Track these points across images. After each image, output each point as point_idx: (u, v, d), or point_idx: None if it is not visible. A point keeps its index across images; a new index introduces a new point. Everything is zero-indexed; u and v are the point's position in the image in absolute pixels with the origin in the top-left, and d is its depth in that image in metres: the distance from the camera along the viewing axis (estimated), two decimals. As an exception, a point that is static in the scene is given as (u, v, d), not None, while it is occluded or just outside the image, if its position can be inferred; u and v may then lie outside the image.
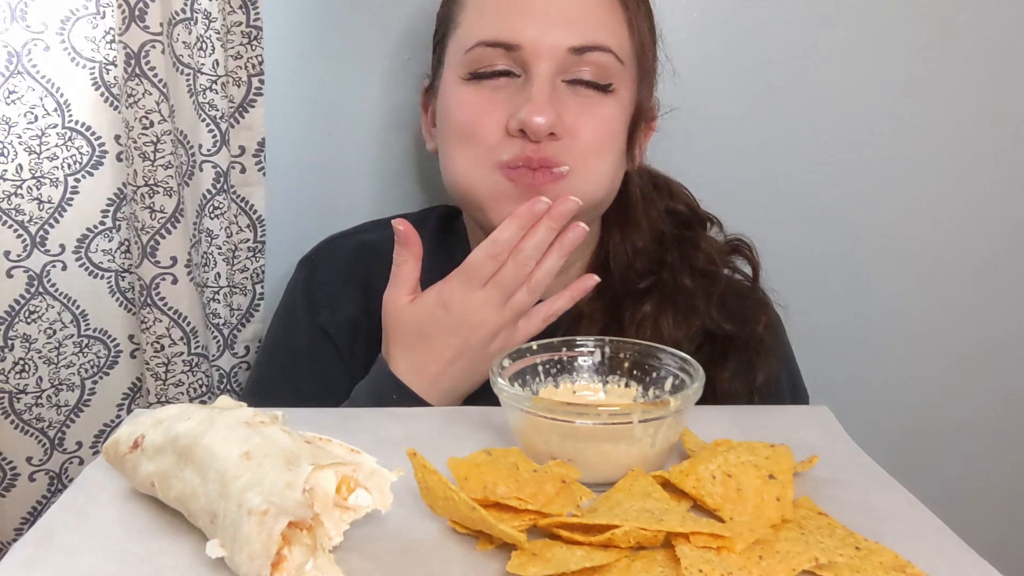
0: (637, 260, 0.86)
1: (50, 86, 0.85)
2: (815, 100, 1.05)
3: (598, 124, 0.77)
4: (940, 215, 1.09)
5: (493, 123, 0.76)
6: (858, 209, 1.08)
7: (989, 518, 1.13)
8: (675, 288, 0.84)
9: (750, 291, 0.89)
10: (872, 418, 1.09)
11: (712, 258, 0.87)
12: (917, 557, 0.46)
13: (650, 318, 0.82)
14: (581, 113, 0.76)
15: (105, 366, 0.93)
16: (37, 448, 0.91)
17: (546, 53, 0.74)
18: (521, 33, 0.74)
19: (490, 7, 0.77)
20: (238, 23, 0.90)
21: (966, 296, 1.11)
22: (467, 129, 0.77)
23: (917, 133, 1.06)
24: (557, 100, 0.75)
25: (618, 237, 0.86)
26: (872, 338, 1.11)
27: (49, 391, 0.90)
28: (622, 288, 0.85)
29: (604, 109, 0.77)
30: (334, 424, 0.64)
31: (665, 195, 0.91)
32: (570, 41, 0.74)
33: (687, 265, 0.86)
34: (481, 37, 0.76)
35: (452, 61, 0.79)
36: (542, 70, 0.75)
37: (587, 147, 0.76)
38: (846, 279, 1.09)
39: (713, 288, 0.85)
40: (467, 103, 0.77)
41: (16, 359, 0.88)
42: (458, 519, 0.49)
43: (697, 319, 0.83)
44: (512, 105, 0.75)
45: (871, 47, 1.04)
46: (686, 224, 0.90)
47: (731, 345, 0.83)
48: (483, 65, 0.76)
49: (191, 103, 0.89)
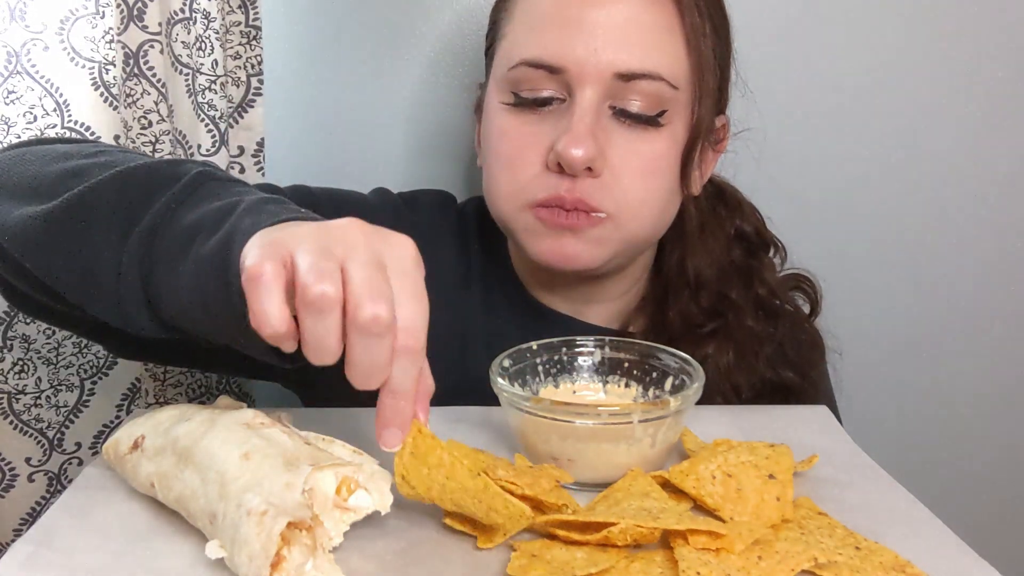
0: (701, 294, 0.81)
1: (49, 86, 0.85)
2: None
3: (643, 164, 0.71)
4: (945, 217, 1.09)
5: (532, 156, 0.71)
6: (863, 209, 1.08)
7: (989, 518, 1.13)
8: (740, 329, 0.80)
9: (805, 331, 0.85)
10: (872, 418, 1.09)
11: (775, 292, 0.84)
12: (917, 557, 0.47)
13: (710, 359, 0.78)
14: (626, 150, 0.71)
15: (104, 366, 0.93)
16: (36, 449, 0.90)
17: (591, 78, 0.69)
18: (566, 54, 0.69)
19: (538, 22, 0.72)
20: (237, 23, 0.90)
21: (966, 296, 1.11)
22: (505, 161, 0.73)
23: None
24: (601, 130, 0.70)
25: (678, 261, 0.81)
26: (872, 338, 1.11)
27: (48, 392, 0.90)
28: (681, 324, 0.80)
29: (652, 145, 0.72)
30: (334, 424, 0.64)
31: (735, 213, 0.86)
32: (617, 66, 0.69)
33: (751, 300, 0.82)
34: (525, 56, 0.71)
35: (496, 75, 0.76)
36: (586, 96, 0.70)
37: (629, 190, 0.71)
38: (846, 280, 1.09)
39: (774, 331, 0.82)
40: (508, 132, 0.73)
41: (15, 359, 0.88)
42: (453, 500, 0.47)
43: (758, 366, 0.80)
44: (553, 134, 0.71)
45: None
46: (751, 251, 0.85)
47: (789, 394, 0.81)
48: (526, 87, 0.72)
49: (190, 103, 0.89)
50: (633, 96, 0.70)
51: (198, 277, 0.49)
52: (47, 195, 0.56)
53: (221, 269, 0.47)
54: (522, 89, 0.72)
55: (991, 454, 1.16)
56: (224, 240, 0.49)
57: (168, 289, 0.51)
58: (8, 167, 0.60)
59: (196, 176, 0.55)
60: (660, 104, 0.71)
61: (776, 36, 1.02)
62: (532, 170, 0.72)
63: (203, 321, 0.50)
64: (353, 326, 0.43)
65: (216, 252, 0.49)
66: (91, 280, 0.54)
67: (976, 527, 0.61)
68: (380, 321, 0.42)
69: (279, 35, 0.98)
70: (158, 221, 0.53)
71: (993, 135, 1.06)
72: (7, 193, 0.58)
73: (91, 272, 0.54)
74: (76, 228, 0.54)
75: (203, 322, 0.50)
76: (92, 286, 0.54)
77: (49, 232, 0.55)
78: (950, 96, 1.05)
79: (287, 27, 1.00)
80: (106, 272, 0.53)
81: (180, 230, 0.52)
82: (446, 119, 1.04)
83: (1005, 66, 1.04)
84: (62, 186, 0.56)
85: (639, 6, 0.71)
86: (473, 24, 1.01)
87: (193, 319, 0.51)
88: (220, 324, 0.49)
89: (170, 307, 0.52)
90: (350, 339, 0.43)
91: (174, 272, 0.51)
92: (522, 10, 0.74)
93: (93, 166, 0.57)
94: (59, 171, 0.58)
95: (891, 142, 1.06)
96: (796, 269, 0.89)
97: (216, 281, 0.48)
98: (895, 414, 1.14)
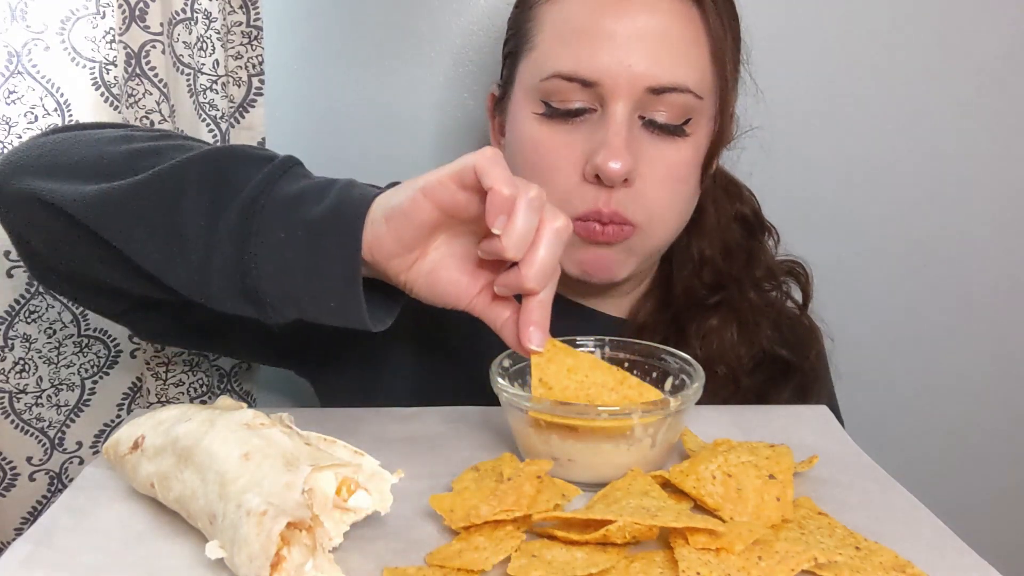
0: (705, 270, 0.84)
1: (50, 86, 0.85)
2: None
3: (670, 172, 0.74)
4: (946, 214, 1.09)
5: (567, 167, 0.73)
6: (861, 211, 1.08)
7: (989, 518, 1.13)
8: (741, 302, 0.83)
9: (799, 318, 0.88)
10: (872, 418, 1.09)
11: (771, 272, 0.87)
12: (917, 557, 0.47)
13: (715, 331, 0.81)
14: (655, 159, 0.73)
15: (105, 366, 0.93)
16: (37, 448, 0.91)
17: (624, 91, 0.71)
18: (600, 68, 0.71)
19: (571, 35, 0.73)
20: (238, 23, 0.90)
21: (967, 296, 1.11)
22: (540, 171, 0.74)
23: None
24: (633, 140, 0.72)
25: (684, 244, 0.84)
26: (874, 338, 1.11)
27: (49, 391, 0.90)
28: (686, 299, 0.83)
29: (678, 154, 0.74)
30: (335, 424, 0.64)
31: (735, 198, 0.89)
32: (648, 81, 0.71)
33: (750, 277, 0.85)
34: (558, 68, 0.72)
35: (525, 83, 0.76)
36: (619, 109, 0.71)
37: (657, 198, 0.74)
38: (847, 280, 1.09)
39: (771, 308, 0.85)
40: (541, 143, 0.74)
41: (16, 359, 0.88)
42: (588, 395, 0.55)
43: (760, 337, 0.82)
44: (588, 145, 0.72)
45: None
46: (751, 232, 0.88)
47: (788, 370, 0.83)
48: (558, 98, 0.73)
49: (191, 103, 0.89)
50: (661, 107, 0.72)
51: (310, 237, 0.54)
52: (120, 173, 0.59)
53: (335, 232, 0.53)
54: (554, 100, 0.73)
55: (991, 454, 1.16)
56: (333, 208, 0.54)
57: (267, 251, 0.55)
58: (61, 150, 0.63)
59: (287, 158, 0.60)
60: (686, 113, 0.73)
61: (780, 35, 1.02)
62: (569, 181, 0.73)
63: (301, 283, 0.55)
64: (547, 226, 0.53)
65: (325, 218, 0.54)
66: (178, 249, 0.57)
67: (976, 527, 0.61)
68: (569, 228, 0.55)
69: (280, 35, 0.98)
70: (258, 192, 0.56)
71: (997, 135, 1.06)
72: (66, 172, 0.61)
73: (179, 240, 0.56)
74: (165, 198, 0.57)
75: (301, 284, 0.55)
76: (178, 255, 0.57)
77: (134, 202, 0.58)
78: (950, 96, 1.05)
79: (288, 27, 1.00)
80: (196, 239, 0.56)
81: (282, 199, 0.56)
82: (447, 119, 1.04)
83: (1011, 67, 1.04)
84: (138, 163, 0.59)
85: (669, 19, 0.72)
86: (474, 24, 1.01)
87: (292, 281, 0.55)
88: (324, 282, 0.54)
89: (264, 269, 0.55)
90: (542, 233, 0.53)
91: (275, 236, 0.55)
92: (553, 20, 0.75)
93: (165, 147, 0.61)
94: (127, 151, 0.61)
95: (892, 141, 1.06)
96: (789, 256, 0.91)
97: (333, 239, 0.53)
98: (895, 414, 1.14)
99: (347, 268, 0.54)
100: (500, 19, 0.98)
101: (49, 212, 0.60)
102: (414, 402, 0.70)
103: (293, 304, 0.56)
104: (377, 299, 0.58)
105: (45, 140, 0.65)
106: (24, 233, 0.65)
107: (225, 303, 0.57)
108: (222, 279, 0.56)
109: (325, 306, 0.55)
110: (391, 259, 0.55)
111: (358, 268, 0.54)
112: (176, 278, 0.58)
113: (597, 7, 0.72)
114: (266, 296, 0.56)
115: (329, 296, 0.55)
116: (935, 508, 0.54)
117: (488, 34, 1.01)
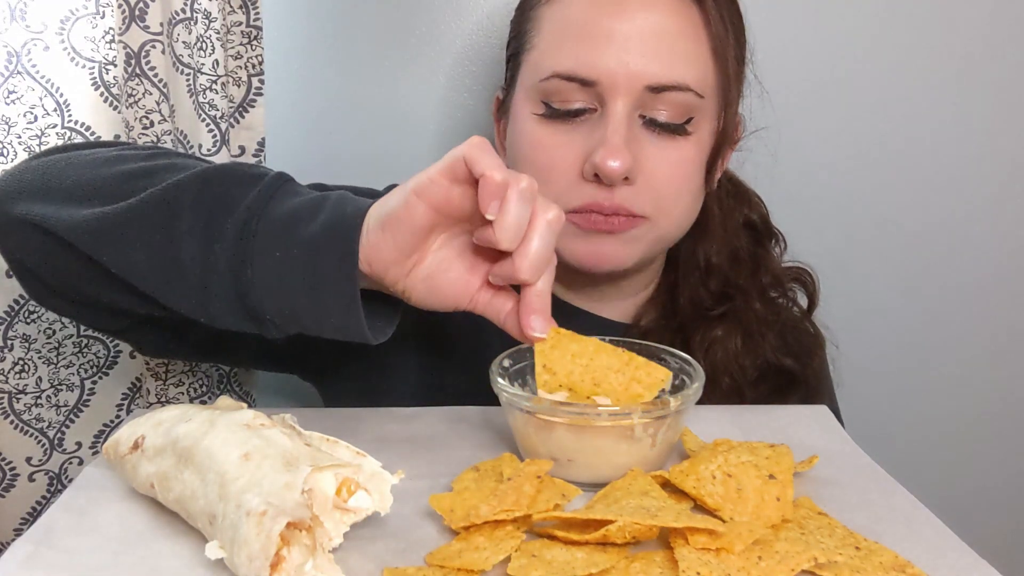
0: (711, 279, 0.83)
1: (50, 86, 0.85)
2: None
3: (673, 170, 0.73)
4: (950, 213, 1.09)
5: (567, 166, 0.73)
6: (859, 207, 1.08)
7: (989, 518, 1.13)
8: (747, 313, 0.82)
9: (803, 324, 0.88)
10: (872, 418, 1.09)
11: (778, 280, 0.86)
12: (917, 557, 0.47)
13: (720, 342, 0.80)
14: (657, 157, 0.73)
15: (105, 366, 0.93)
16: (37, 448, 0.90)
17: (623, 90, 0.71)
18: (598, 67, 0.70)
19: (570, 35, 0.73)
20: (238, 23, 0.90)
21: (970, 300, 1.11)
22: (539, 170, 0.73)
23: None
24: (633, 139, 0.71)
25: (690, 250, 0.83)
26: (877, 339, 1.11)
27: (49, 391, 0.90)
28: (692, 309, 0.82)
29: (680, 153, 0.73)
30: (335, 424, 0.64)
31: (743, 203, 0.88)
32: (647, 79, 0.70)
33: (757, 286, 0.85)
34: (557, 68, 0.72)
35: (525, 83, 0.76)
36: (618, 108, 0.71)
37: (662, 194, 0.73)
38: (847, 280, 1.09)
39: (776, 317, 0.84)
40: (541, 143, 0.74)
41: (16, 359, 0.88)
42: (595, 378, 0.56)
43: (764, 348, 0.82)
44: (587, 144, 0.72)
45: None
46: (758, 239, 0.88)
47: (792, 380, 0.83)
48: (558, 99, 0.73)
49: (191, 103, 0.89)
50: (662, 106, 0.72)
51: (307, 256, 0.54)
52: (114, 196, 0.59)
53: (331, 250, 0.53)
54: (553, 100, 0.73)
55: (991, 454, 1.16)
56: (328, 225, 0.54)
57: (265, 272, 0.55)
58: (53, 173, 0.63)
59: (278, 175, 0.60)
60: (687, 112, 0.73)
61: (788, 35, 1.02)
62: (566, 179, 0.73)
63: (300, 303, 0.55)
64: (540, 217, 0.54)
65: (320, 236, 0.54)
66: (174, 271, 0.57)
67: (976, 527, 0.61)
68: (561, 219, 0.55)
69: (280, 35, 0.98)
70: (252, 213, 0.56)
71: (1003, 135, 1.06)
72: (61, 196, 0.61)
73: (175, 263, 0.56)
74: (160, 222, 0.57)
75: (300, 303, 0.55)
76: (174, 277, 0.57)
77: (129, 227, 0.58)
78: (951, 96, 1.05)
79: (288, 27, 1.00)
80: (192, 263, 0.56)
81: (277, 219, 0.56)
82: (446, 119, 1.04)
83: (1016, 68, 1.04)
84: (131, 185, 0.59)
85: (667, 17, 0.72)
86: (474, 24, 1.01)
87: (291, 300, 0.55)
88: (324, 300, 0.54)
89: (263, 290, 0.55)
90: (535, 223, 0.54)
91: (272, 257, 0.55)
92: (551, 21, 0.75)
93: (158, 168, 0.61)
94: (120, 173, 0.61)
95: (895, 141, 1.06)
96: (796, 262, 0.90)
97: (330, 257, 0.54)
98: (895, 414, 1.14)
99: (345, 286, 0.54)
100: (500, 19, 0.98)
101: (44, 237, 0.60)
102: (417, 403, 0.70)
103: (293, 321, 0.56)
104: (377, 310, 0.58)
105: (38, 163, 0.64)
106: (20, 257, 0.64)
107: (226, 321, 0.58)
108: (221, 301, 0.57)
109: (326, 323, 0.56)
110: (389, 267, 0.55)
111: (356, 285, 0.54)
112: (175, 300, 0.58)
113: (595, 7, 0.72)
114: (266, 314, 0.56)
115: (329, 314, 0.55)
116: (935, 508, 0.54)
117: (488, 34, 1.01)
